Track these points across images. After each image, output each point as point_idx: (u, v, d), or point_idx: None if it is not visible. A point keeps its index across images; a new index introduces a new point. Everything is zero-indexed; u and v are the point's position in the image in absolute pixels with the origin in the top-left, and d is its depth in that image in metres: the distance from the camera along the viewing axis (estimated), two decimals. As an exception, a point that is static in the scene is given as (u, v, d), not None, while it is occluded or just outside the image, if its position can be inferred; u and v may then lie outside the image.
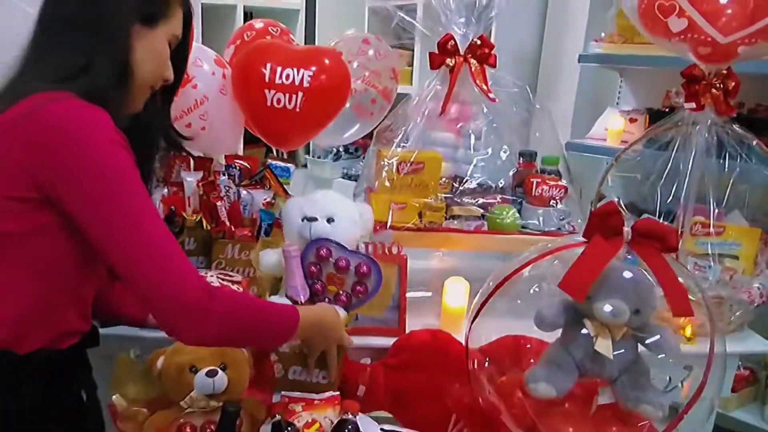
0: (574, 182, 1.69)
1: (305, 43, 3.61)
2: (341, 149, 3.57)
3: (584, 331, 1.12)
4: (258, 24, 1.72)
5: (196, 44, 1.55)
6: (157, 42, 1.04)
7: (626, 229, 1.14)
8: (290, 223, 1.26)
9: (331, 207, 1.27)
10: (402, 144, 1.61)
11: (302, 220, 1.24)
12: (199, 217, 1.56)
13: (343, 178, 3.69)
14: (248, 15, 3.67)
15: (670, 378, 1.15)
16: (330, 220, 1.25)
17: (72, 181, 0.91)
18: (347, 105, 1.69)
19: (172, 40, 1.08)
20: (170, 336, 0.98)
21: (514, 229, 1.60)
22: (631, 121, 2.70)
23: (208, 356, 1.14)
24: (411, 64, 3.25)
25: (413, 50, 3.19)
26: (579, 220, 1.59)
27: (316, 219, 1.24)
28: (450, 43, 1.60)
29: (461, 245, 1.63)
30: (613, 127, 2.69)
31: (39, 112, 0.91)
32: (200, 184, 1.56)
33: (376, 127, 1.72)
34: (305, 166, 3.66)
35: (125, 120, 1.02)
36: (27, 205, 0.93)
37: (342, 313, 1.24)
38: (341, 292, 1.23)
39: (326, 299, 1.23)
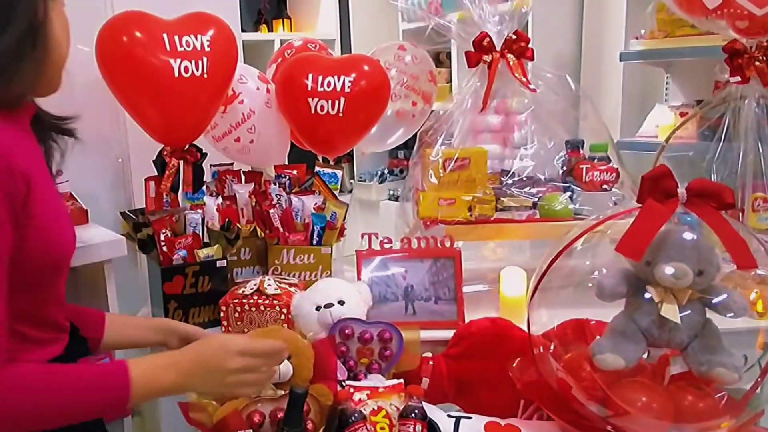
0: (625, 169, 1.70)
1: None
2: (386, 171, 3.64)
3: (647, 296, 1.12)
4: (297, 42, 1.84)
5: (240, 63, 1.66)
6: (63, 12, 0.94)
7: (680, 190, 1.14)
8: (305, 315, 1.37)
9: (337, 291, 1.38)
10: (446, 142, 1.65)
11: (317, 309, 1.36)
12: (252, 227, 1.64)
13: (389, 199, 3.74)
14: (286, 49, 3.89)
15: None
16: (341, 302, 1.36)
17: None
18: (389, 111, 1.76)
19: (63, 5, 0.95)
20: None
21: (567, 215, 1.61)
22: (682, 115, 2.69)
23: (290, 337, 1.19)
24: (449, 80, 3.32)
25: (450, 67, 3.26)
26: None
27: (332, 304, 1.35)
28: (486, 40, 1.66)
29: (514, 235, 1.65)
30: (663, 122, 2.68)
31: None
32: (252, 195, 1.64)
33: (419, 130, 1.78)
34: (351, 191, 3.74)
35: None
36: None
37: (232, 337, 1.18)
38: (372, 361, 1.32)
39: (361, 373, 1.32)
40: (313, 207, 1.62)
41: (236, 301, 1.48)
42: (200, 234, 1.59)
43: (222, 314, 1.49)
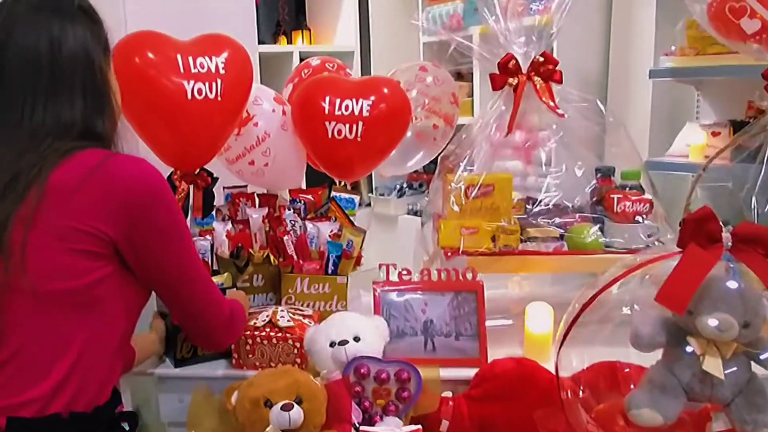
0: (659, 198, 1.62)
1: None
2: (405, 185, 3.56)
3: (689, 349, 1.04)
4: (315, 61, 1.77)
5: (255, 84, 1.60)
6: (113, 67, 1.11)
7: (725, 234, 1.06)
8: (319, 351, 1.33)
9: (353, 326, 1.34)
10: (468, 168, 1.58)
11: (330, 345, 1.32)
12: (266, 253, 1.58)
13: (408, 214, 3.67)
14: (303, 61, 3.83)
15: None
16: (357, 339, 1.32)
17: (157, 233, 1.05)
18: (409, 133, 1.70)
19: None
20: (210, 348, 1.34)
21: (597, 248, 1.54)
22: (714, 134, 2.58)
23: (283, 389, 1.13)
24: (471, 95, 3.25)
25: (472, 81, 3.19)
26: (669, 236, 1.51)
27: (347, 341, 1.31)
28: (511, 62, 1.59)
29: (540, 268, 1.58)
30: (694, 142, 2.57)
31: (113, 171, 1.00)
32: (266, 219, 1.58)
33: (440, 154, 1.71)
34: (369, 204, 3.67)
35: None
36: (90, 258, 0.99)
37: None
38: (389, 402, 1.27)
39: (377, 415, 1.27)
40: (328, 234, 1.55)
41: (248, 333, 1.42)
42: (209, 261, 1.53)
43: (232, 345, 1.43)
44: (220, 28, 1.57)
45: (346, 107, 1.51)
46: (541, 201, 1.66)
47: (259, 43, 3.55)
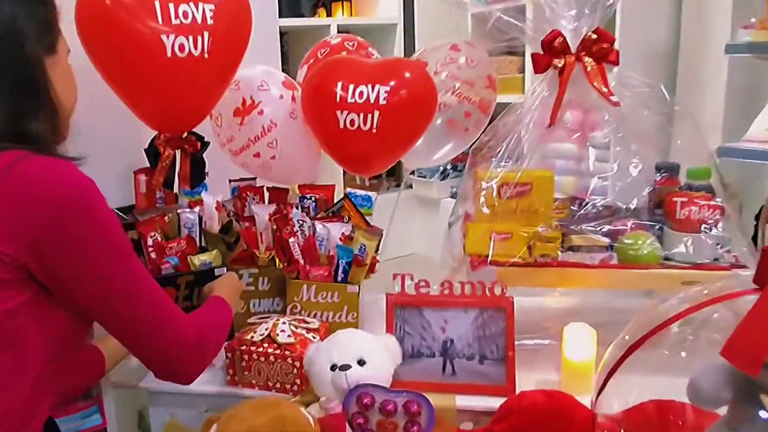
0: (731, 199, 1.37)
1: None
2: (449, 167, 3.35)
3: (763, 414, 0.83)
4: (335, 40, 1.57)
5: (262, 66, 1.43)
6: (65, 64, 0.96)
7: (818, 267, 0.83)
8: (319, 374, 1.19)
9: (358, 348, 1.20)
10: (504, 162, 1.37)
11: (331, 369, 1.17)
12: (271, 255, 1.42)
13: (452, 197, 3.48)
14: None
15: None
16: (362, 363, 1.17)
17: (76, 250, 0.87)
18: (438, 121, 1.49)
19: (66, 55, 0.97)
20: (173, 381, 1.01)
21: (654, 261, 1.32)
22: (799, 119, 2.26)
23: (265, 425, 0.98)
24: (522, 71, 2.99)
25: (524, 56, 2.93)
26: (744, 248, 1.27)
27: (349, 366, 1.16)
28: (557, 40, 1.35)
29: (583, 283, 1.37)
30: (775, 126, 2.26)
31: (19, 179, 0.83)
32: (273, 218, 1.42)
33: (472, 145, 1.50)
34: (410, 186, 3.48)
35: None
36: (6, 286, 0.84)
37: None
38: None
39: None
40: (339, 237, 1.38)
41: (243, 348, 1.28)
42: (196, 237, 1.38)
43: (227, 360, 1.29)
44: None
45: (361, 94, 1.31)
46: (588, 203, 1.44)
47: (296, 15, 3.41)
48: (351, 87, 1.30)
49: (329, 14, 3.43)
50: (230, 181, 1.53)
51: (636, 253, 1.33)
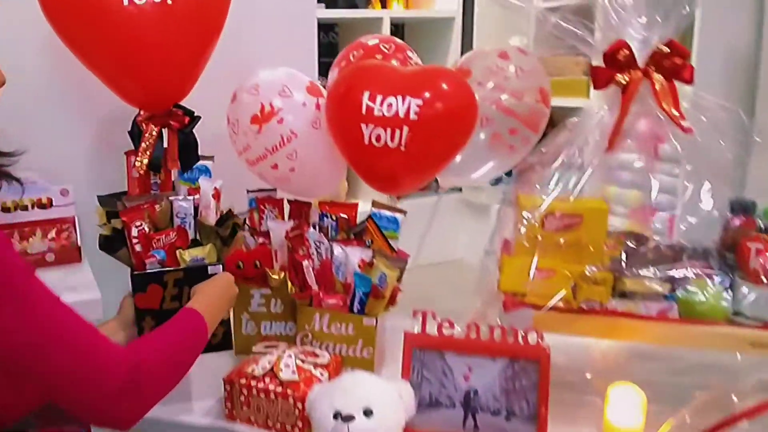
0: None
1: (462, 55, 3.29)
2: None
3: None
4: (371, 41, 1.43)
5: (285, 69, 1.30)
6: None
7: None
8: (320, 420, 1.08)
9: (366, 396, 1.08)
10: (552, 188, 1.21)
11: (334, 417, 1.06)
12: (285, 276, 1.31)
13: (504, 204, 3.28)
14: (397, 28, 3.45)
15: None
16: (368, 413, 1.06)
17: None
18: (482, 135, 1.34)
19: None
20: (109, 428, 0.90)
21: (721, 317, 1.16)
22: None
23: None
24: (589, 73, 2.77)
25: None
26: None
27: (353, 417, 1.05)
28: (622, 52, 1.18)
29: (635, 336, 1.21)
30: None
31: None
32: (289, 236, 1.30)
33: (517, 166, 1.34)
34: (460, 189, 3.31)
35: None
36: None
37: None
38: None
39: None
40: (358, 262, 1.25)
41: (243, 381, 1.18)
42: (189, 229, 1.26)
43: (225, 393, 1.19)
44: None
45: (389, 106, 1.16)
46: (647, 239, 1.26)
47: (350, 6, 3.29)
48: (379, 98, 1.16)
49: (384, 6, 3.29)
50: (248, 191, 1.42)
51: (699, 305, 1.16)
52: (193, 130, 1.36)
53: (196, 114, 1.34)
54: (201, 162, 1.40)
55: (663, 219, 1.33)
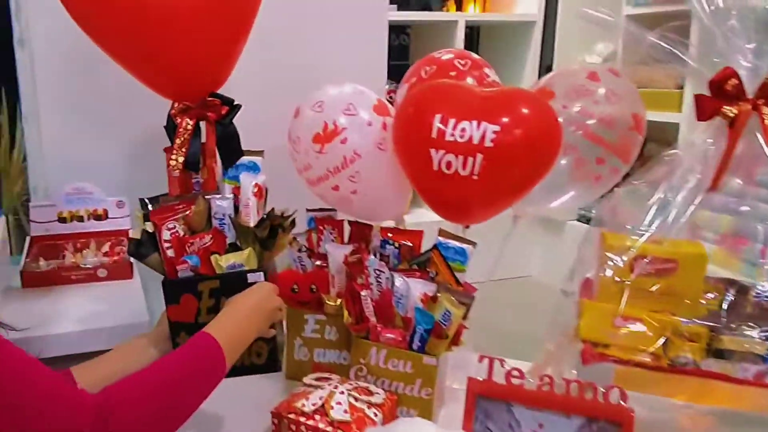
0: None
1: (541, 63, 3.17)
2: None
3: None
4: (445, 55, 1.33)
5: (354, 85, 1.23)
6: None
7: None
8: None
9: None
10: (640, 230, 1.09)
11: None
12: (341, 303, 1.24)
13: (579, 220, 3.14)
14: (473, 32, 3.34)
15: None
16: None
17: None
18: (564, 161, 1.23)
19: None
20: None
21: None
22: None
23: None
24: (681, 86, 2.61)
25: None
26: None
27: None
28: (731, 81, 1.04)
29: (731, 402, 1.08)
30: None
31: None
32: (348, 261, 1.23)
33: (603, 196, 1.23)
34: (533, 203, 3.17)
35: None
36: None
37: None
38: None
39: None
40: (420, 296, 1.16)
41: (292, 416, 1.12)
42: (227, 232, 1.16)
43: (273, 426, 1.13)
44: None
45: (462, 132, 1.07)
46: (749, 290, 1.13)
47: (423, 8, 3.20)
48: (452, 121, 1.07)
49: (459, 8, 3.18)
50: (307, 210, 1.36)
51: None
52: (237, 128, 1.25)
53: (236, 103, 1.24)
54: (249, 158, 1.27)
55: (755, 250, 1.18)
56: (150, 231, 1.13)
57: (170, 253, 1.12)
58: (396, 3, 2.99)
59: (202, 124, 1.24)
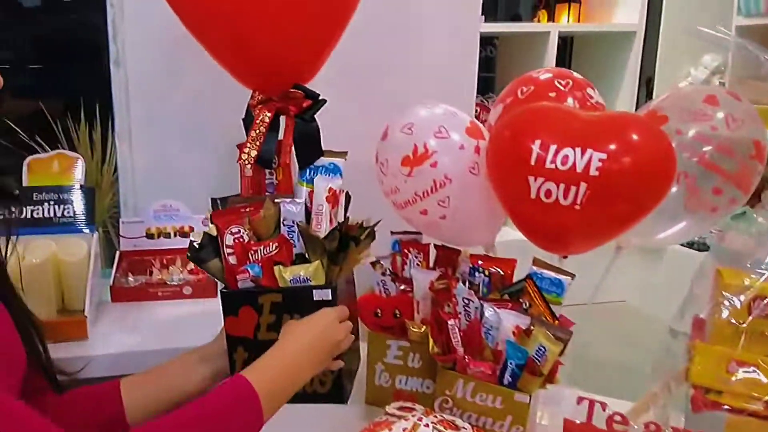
0: None
1: (641, 77, 3.01)
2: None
3: None
4: (542, 75, 1.27)
5: (445, 106, 1.19)
6: None
7: None
8: None
9: None
10: (764, 266, 1.00)
11: None
12: (426, 330, 1.21)
13: (682, 245, 2.91)
14: (565, 42, 3.22)
15: None
16: None
17: None
18: (674, 189, 1.13)
19: None
20: None
21: None
22: None
23: None
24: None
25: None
26: None
27: None
28: None
29: None
30: None
31: None
32: (434, 287, 1.19)
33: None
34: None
35: None
36: None
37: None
38: None
39: None
40: (512, 329, 1.10)
41: (375, 449, 1.06)
42: (295, 241, 1.07)
43: (354, 457, 1.09)
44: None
45: (565, 159, 1.00)
46: None
47: (512, 19, 3.11)
48: (553, 148, 1.00)
49: (551, 19, 3.08)
50: (392, 233, 1.32)
51: None
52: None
53: (321, 97, 1.14)
54: (330, 159, 1.17)
55: None
56: (213, 234, 1.05)
57: (232, 260, 1.04)
58: (483, 13, 2.93)
59: (282, 119, 1.16)
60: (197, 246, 1.06)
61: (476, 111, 2.52)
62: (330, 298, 1.03)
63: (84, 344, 1.17)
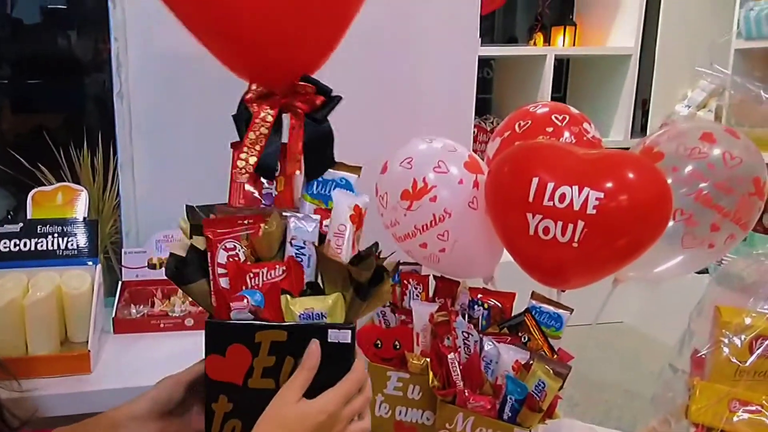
0: None
1: (636, 99, 3.02)
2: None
3: None
4: (540, 109, 1.26)
5: (444, 140, 1.19)
6: None
7: None
8: None
9: None
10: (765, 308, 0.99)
11: None
12: (426, 363, 1.20)
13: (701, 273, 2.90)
14: (561, 64, 3.23)
15: None
16: None
17: None
18: (672, 222, 1.13)
19: None
20: None
21: None
22: None
23: None
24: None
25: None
26: None
27: None
28: None
29: None
30: None
31: None
32: (434, 320, 1.18)
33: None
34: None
35: None
36: None
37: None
38: None
39: None
40: (512, 364, 1.09)
41: (374, 485, 1.04)
42: (307, 266, 0.85)
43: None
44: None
45: (562, 197, 0.99)
46: None
47: (508, 41, 3.12)
48: (550, 186, 1.00)
49: (547, 41, 3.08)
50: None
51: None
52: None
53: (334, 94, 0.91)
54: (340, 172, 0.94)
55: None
56: (200, 248, 0.83)
57: (224, 282, 0.81)
58: (480, 35, 2.94)
59: (285, 118, 0.92)
60: (179, 261, 0.85)
61: (474, 132, 2.52)
62: (348, 341, 0.81)
63: (86, 378, 1.15)
